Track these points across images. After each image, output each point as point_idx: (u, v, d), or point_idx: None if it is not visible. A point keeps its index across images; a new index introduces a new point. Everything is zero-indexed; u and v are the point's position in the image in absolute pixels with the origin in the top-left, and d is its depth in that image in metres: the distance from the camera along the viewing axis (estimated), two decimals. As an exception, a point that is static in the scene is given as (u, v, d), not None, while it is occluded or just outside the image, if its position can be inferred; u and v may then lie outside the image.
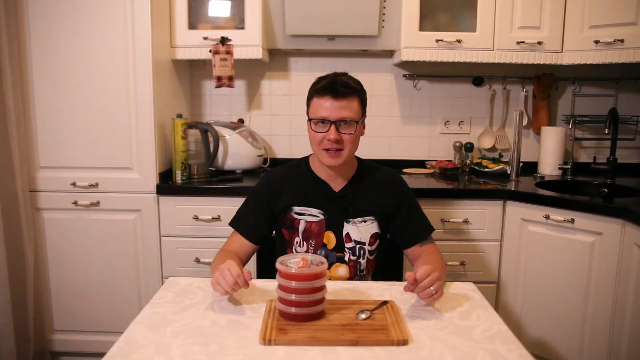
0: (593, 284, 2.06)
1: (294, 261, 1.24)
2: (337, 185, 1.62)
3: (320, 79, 1.54)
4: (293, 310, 1.19)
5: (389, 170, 1.72)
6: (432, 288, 1.26)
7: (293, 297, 1.19)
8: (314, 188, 1.62)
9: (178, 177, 2.39)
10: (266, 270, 2.25)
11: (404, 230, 1.64)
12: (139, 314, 1.27)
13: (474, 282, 1.52)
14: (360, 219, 1.61)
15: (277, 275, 1.22)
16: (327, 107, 1.49)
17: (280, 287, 1.22)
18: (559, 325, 2.18)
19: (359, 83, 1.57)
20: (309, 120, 1.54)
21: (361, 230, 1.60)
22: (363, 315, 1.22)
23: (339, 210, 1.60)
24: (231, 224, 1.66)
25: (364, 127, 1.61)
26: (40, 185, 2.34)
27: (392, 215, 1.64)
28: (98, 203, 2.33)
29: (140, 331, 1.17)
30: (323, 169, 1.61)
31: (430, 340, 1.14)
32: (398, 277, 1.68)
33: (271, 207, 1.64)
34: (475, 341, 1.14)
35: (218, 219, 2.29)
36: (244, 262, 1.62)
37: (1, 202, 2.16)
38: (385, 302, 1.30)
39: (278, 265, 1.22)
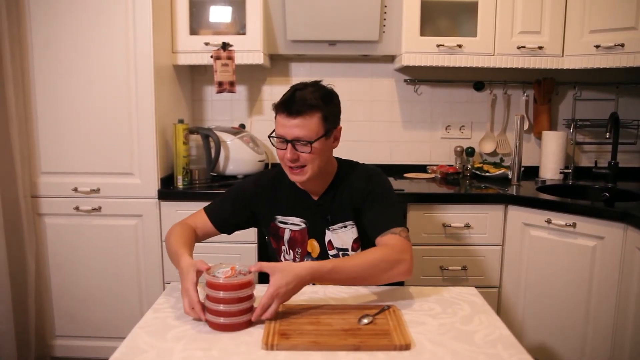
0: (595, 288, 2.06)
1: (222, 271, 1.24)
2: (315, 193, 1.60)
3: (287, 91, 1.49)
4: (222, 320, 1.19)
5: (365, 168, 1.64)
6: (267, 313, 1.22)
7: (221, 307, 1.19)
8: (294, 197, 1.61)
9: (179, 183, 2.39)
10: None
11: (367, 221, 1.54)
12: (140, 319, 1.27)
13: (476, 287, 1.52)
14: (340, 224, 1.59)
15: (205, 286, 1.22)
16: (283, 125, 1.44)
17: (208, 297, 1.21)
18: (561, 330, 2.18)
19: (323, 96, 1.46)
20: (269, 137, 1.52)
21: (342, 237, 1.59)
22: (365, 320, 1.22)
23: (318, 218, 1.59)
24: (206, 208, 1.65)
25: (335, 140, 1.54)
26: (41, 190, 2.34)
27: (361, 210, 1.56)
28: (99, 208, 2.34)
29: (141, 336, 1.17)
30: None
31: (432, 345, 1.13)
32: (401, 282, 1.68)
33: (252, 206, 1.63)
34: (477, 346, 1.14)
35: (219, 224, 2.29)
36: (200, 240, 1.63)
37: (3, 207, 2.16)
38: (387, 307, 1.30)
39: (205, 275, 1.23)
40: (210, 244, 2.29)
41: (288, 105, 1.43)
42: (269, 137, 1.51)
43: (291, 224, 1.61)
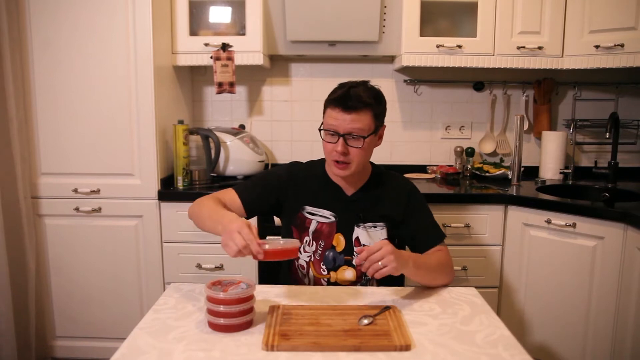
0: (595, 288, 2.06)
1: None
2: (349, 189, 1.64)
3: (338, 88, 1.54)
4: (222, 321, 1.20)
5: (402, 178, 1.73)
6: (380, 263, 1.30)
7: (221, 308, 1.19)
8: (327, 190, 1.64)
9: (179, 183, 2.39)
10: (268, 275, 2.25)
11: (415, 238, 1.64)
12: (141, 320, 1.27)
13: (476, 287, 1.52)
14: (371, 224, 1.62)
15: (205, 287, 1.23)
16: (337, 118, 1.49)
17: (208, 298, 1.22)
18: (561, 330, 2.18)
19: (375, 95, 1.54)
20: (321, 130, 1.55)
21: (371, 235, 1.61)
22: (365, 321, 1.22)
23: (350, 214, 1.61)
24: (235, 188, 1.63)
25: (380, 138, 1.60)
26: (41, 191, 2.34)
27: (402, 223, 1.64)
28: (100, 209, 2.34)
29: (142, 337, 1.17)
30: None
31: (432, 346, 1.14)
32: (401, 282, 1.69)
33: (281, 194, 1.64)
34: (477, 346, 1.14)
35: (219, 224, 2.29)
36: None
37: (3, 208, 2.16)
38: (387, 308, 1.30)
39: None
40: (210, 244, 2.30)
41: (344, 101, 1.48)
42: (319, 130, 1.55)
43: (320, 216, 1.62)
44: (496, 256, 2.33)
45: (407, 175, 2.74)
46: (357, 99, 1.48)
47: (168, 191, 2.35)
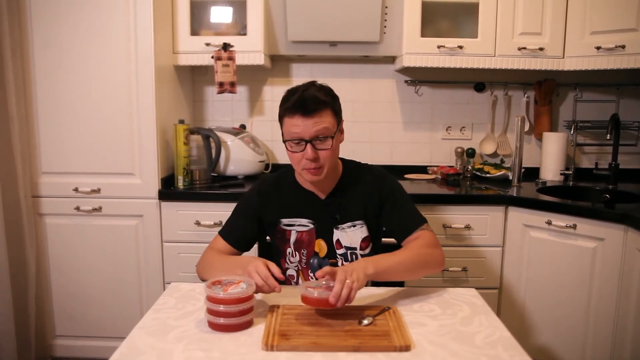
0: (595, 289, 2.06)
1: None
2: (323, 192, 1.61)
3: (288, 96, 1.49)
4: (222, 320, 1.20)
5: (373, 169, 1.67)
6: (348, 281, 1.23)
7: (221, 307, 1.19)
8: (301, 198, 1.61)
9: (180, 183, 2.39)
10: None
11: (393, 225, 1.60)
12: (140, 319, 1.27)
13: (476, 288, 1.52)
14: (349, 223, 1.59)
15: (204, 287, 1.23)
16: (299, 125, 1.44)
17: (208, 298, 1.22)
18: (561, 331, 2.18)
19: (328, 92, 1.50)
20: (284, 141, 1.51)
21: (350, 235, 1.59)
22: (365, 321, 1.22)
23: (327, 217, 1.59)
24: (220, 232, 1.64)
25: (342, 133, 1.58)
26: (42, 190, 2.34)
27: (379, 213, 1.61)
28: (100, 208, 2.34)
29: (142, 337, 1.17)
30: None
31: (432, 346, 1.14)
32: (401, 283, 1.68)
33: (260, 215, 1.63)
34: (477, 347, 1.14)
35: (220, 224, 2.29)
36: None
37: (4, 207, 2.16)
38: (387, 308, 1.30)
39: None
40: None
41: (302, 106, 1.43)
42: (284, 141, 1.50)
43: (298, 225, 1.60)
44: (496, 257, 2.33)
45: (407, 176, 2.75)
46: (315, 101, 1.44)
47: (168, 191, 2.35)
